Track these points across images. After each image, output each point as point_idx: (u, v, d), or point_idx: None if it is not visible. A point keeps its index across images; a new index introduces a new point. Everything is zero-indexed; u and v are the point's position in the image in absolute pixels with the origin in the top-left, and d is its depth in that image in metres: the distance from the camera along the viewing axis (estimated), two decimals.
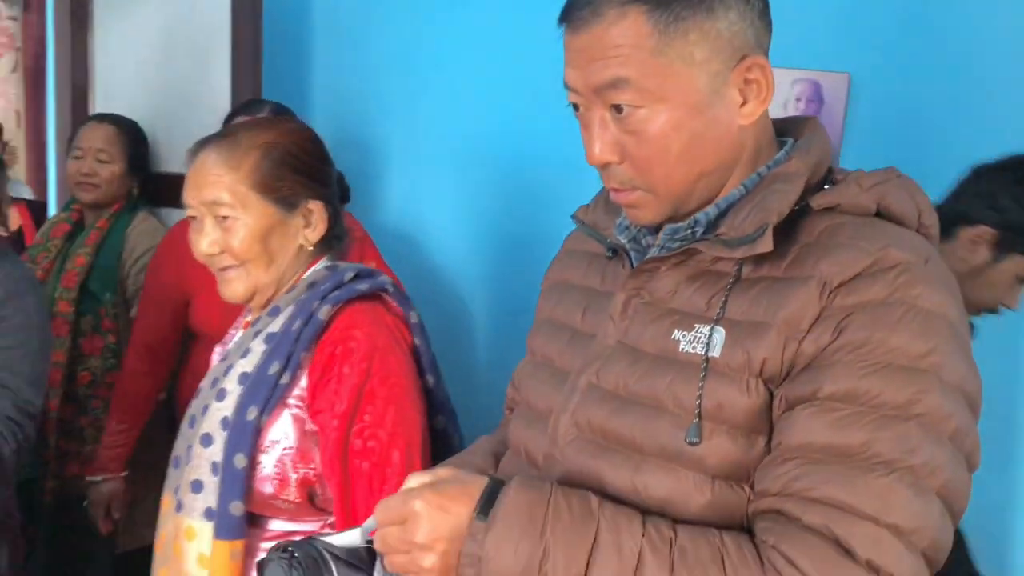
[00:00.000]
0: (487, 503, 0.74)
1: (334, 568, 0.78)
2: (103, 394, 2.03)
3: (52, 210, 2.52)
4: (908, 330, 0.72)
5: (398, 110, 2.20)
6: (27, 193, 2.79)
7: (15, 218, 2.58)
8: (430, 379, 1.24)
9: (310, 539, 0.81)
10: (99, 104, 2.41)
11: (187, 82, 2.29)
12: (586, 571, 0.71)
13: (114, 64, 2.41)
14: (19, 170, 2.80)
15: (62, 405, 2.00)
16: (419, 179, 2.19)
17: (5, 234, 1.84)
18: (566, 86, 0.83)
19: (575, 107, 0.84)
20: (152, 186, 2.27)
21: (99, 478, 1.92)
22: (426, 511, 0.75)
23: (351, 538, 0.82)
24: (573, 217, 0.98)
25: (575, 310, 0.94)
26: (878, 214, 0.80)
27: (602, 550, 0.71)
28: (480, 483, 0.77)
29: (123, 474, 1.93)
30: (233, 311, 1.79)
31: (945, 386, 0.73)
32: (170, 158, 2.32)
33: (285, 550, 0.78)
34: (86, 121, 2.24)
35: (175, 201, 2.25)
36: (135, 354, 1.95)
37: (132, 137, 2.20)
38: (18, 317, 1.36)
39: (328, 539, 0.82)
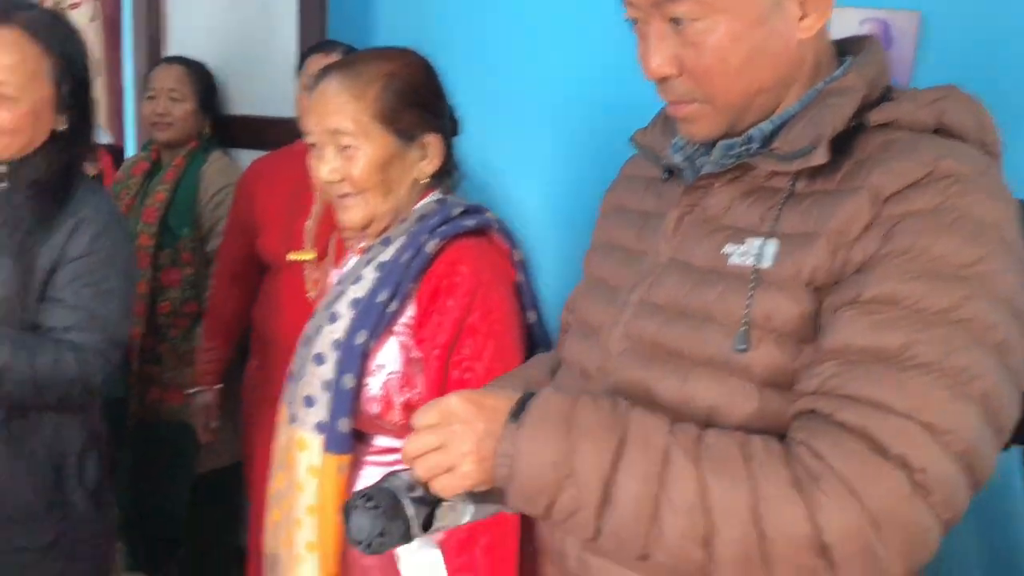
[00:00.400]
0: (520, 409, 0.77)
1: (407, 507, 0.82)
2: (181, 323, 2.16)
3: (130, 154, 2.63)
4: (957, 237, 0.71)
5: (464, 55, 2.21)
6: (106, 138, 2.92)
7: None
8: (532, 315, 1.26)
9: (386, 480, 0.85)
10: (172, 50, 2.49)
11: (255, 28, 2.35)
12: (614, 466, 0.72)
13: (186, 11, 2.48)
14: (99, 116, 2.92)
15: (144, 333, 2.13)
16: (485, 124, 2.20)
17: (93, 172, 1.94)
18: (624, 1, 0.83)
19: (633, 22, 0.84)
20: (223, 128, 2.36)
21: (195, 390, 2.07)
22: (461, 406, 0.78)
23: (404, 479, 0.85)
24: (631, 140, 0.99)
25: (630, 231, 0.95)
26: (937, 131, 0.79)
27: (630, 446, 0.73)
28: (516, 394, 0.79)
29: (217, 387, 2.07)
30: (292, 244, 1.88)
31: (993, 297, 0.71)
32: (240, 101, 2.40)
33: (368, 498, 0.82)
34: (157, 64, 2.35)
35: (246, 142, 2.37)
36: (220, 280, 2.08)
37: (201, 76, 2.29)
38: (109, 251, 1.42)
39: (400, 476, 0.86)
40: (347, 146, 1.17)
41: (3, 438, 1.39)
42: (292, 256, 1.89)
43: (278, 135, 2.19)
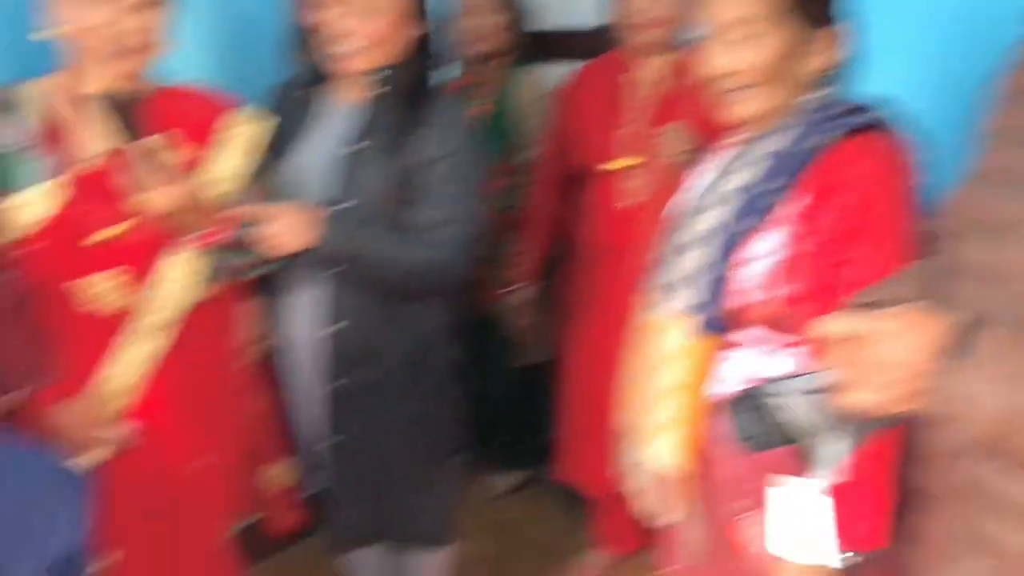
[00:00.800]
0: (961, 340, 0.72)
1: (778, 413, 0.84)
2: (501, 229, 2.30)
3: None
4: None
5: None
6: None
7: None
8: (919, 222, 1.17)
9: (762, 386, 0.86)
10: None
11: None
12: None
13: None
14: None
15: None
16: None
17: None
18: None
19: None
20: (531, 42, 2.43)
21: (512, 288, 2.24)
22: (899, 329, 0.73)
23: (800, 384, 0.86)
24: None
25: None
26: None
27: None
28: (945, 316, 0.73)
29: (534, 286, 2.22)
30: (605, 153, 1.92)
31: None
32: (544, 15, 2.46)
33: (739, 400, 0.86)
34: None
35: (553, 55, 2.43)
36: (539, 187, 2.21)
37: None
38: (469, 151, 1.57)
39: (778, 384, 0.87)
40: (749, 36, 1.14)
41: (382, 321, 1.60)
42: (609, 165, 1.94)
43: (582, 46, 2.22)
